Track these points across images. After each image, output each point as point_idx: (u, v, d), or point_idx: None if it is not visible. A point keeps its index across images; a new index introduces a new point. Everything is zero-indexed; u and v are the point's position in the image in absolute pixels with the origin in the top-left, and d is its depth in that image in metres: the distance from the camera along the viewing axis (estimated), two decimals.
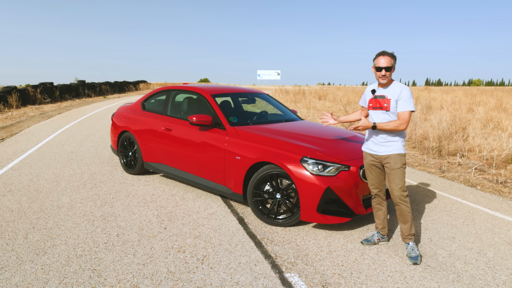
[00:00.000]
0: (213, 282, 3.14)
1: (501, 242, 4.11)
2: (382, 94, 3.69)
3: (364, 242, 3.93)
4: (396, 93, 3.60)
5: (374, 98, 3.75)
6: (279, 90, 30.52)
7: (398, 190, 3.64)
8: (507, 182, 6.42)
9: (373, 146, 3.78)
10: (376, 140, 3.73)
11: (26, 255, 3.51)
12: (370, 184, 3.91)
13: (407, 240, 3.72)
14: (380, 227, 3.95)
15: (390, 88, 3.66)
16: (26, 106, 18.04)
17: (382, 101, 3.67)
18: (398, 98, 3.58)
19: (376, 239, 3.94)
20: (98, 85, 30.42)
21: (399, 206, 3.69)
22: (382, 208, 3.93)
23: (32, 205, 4.81)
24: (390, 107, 3.62)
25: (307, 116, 15.57)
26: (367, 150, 3.87)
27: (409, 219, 3.68)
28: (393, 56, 3.61)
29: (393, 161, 3.64)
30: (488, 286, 3.21)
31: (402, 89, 3.60)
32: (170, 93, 6.03)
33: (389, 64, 3.56)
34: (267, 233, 4.15)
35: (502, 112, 15.66)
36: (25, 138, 9.73)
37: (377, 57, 3.63)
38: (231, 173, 4.67)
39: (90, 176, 6.17)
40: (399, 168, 3.63)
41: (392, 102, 3.61)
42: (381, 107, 3.67)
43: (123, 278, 3.17)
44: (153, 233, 4.07)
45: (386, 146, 3.67)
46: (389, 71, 3.59)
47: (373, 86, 3.82)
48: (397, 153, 3.63)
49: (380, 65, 3.58)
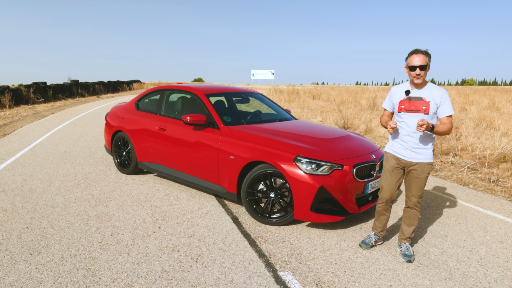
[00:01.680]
0: (208, 281, 3.15)
1: (493, 240, 4.16)
2: (419, 95, 3.41)
3: (363, 245, 3.81)
4: (436, 96, 3.36)
5: (408, 99, 3.45)
6: (273, 89, 30.53)
7: (417, 197, 3.55)
8: (499, 181, 6.48)
9: (402, 150, 3.53)
10: (407, 144, 3.49)
11: (20, 255, 3.50)
12: (385, 189, 3.68)
13: (405, 241, 3.70)
14: (379, 230, 3.86)
15: (427, 90, 3.41)
16: (19, 106, 17.92)
17: (419, 103, 3.38)
18: (440, 102, 3.34)
19: (373, 241, 3.85)
20: (91, 85, 30.25)
21: (411, 210, 3.62)
22: (387, 214, 3.80)
23: (26, 205, 4.79)
24: (430, 110, 3.35)
25: (301, 115, 15.60)
26: (393, 153, 3.63)
27: (415, 223, 3.64)
28: (427, 54, 3.35)
29: (420, 169, 3.47)
30: (480, 284, 3.25)
31: (442, 92, 3.36)
32: (164, 93, 6.02)
33: (424, 62, 3.30)
34: (261, 232, 4.17)
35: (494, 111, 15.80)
36: (18, 138, 9.67)
37: (410, 55, 3.37)
38: (225, 172, 4.68)
39: (84, 176, 6.15)
40: (424, 177, 3.48)
41: (432, 105, 3.35)
42: (417, 109, 3.38)
43: (117, 277, 3.17)
44: (147, 232, 4.08)
45: (417, 152, 3.47)
46: (424, 70, 3.32)
47: (404, 87, 3.53)
48: (427, 161, 3.46)
49: (414, 63, 3.32)
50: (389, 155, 3.66)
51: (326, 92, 29.53)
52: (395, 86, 3.64)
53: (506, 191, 5.97)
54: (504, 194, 5.84)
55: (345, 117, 12.95)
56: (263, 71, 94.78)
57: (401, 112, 3.49)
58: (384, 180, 3.68)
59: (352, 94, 26.27)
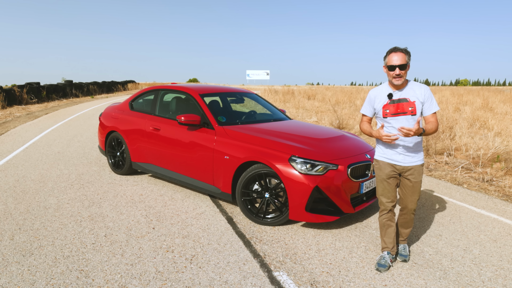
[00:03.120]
0: (202, 282, 3.13)
1: (487, 239, 4.17)
2: (403, 97, 3.20)
3: (381, 269, 3.37)
4: (419, 94, 3.18)
5: (392, 103, 3.23)
6: (268, 90, 30.55)
7: (415, 203, 3.41)
8: (492, 180, 6.51)
9: (396, 156, 3.32)
10: (400, 149, 3.28)
11: (13, 257, 3.46)
12: (386, 198, 3.43)
13: (403, 242, 3.68)
14: (391, 246, 3.52)
15: (409, 89, 3.22)
16: (12, 107, 17.79)
17: (405, 105, 3.18)
18: (424, 100, 3.17)
19: (389, 261, 3.46)
20: (85, 85, 30.12)
21: (407, 216, 3.50)
22: (393, 224, 3.52)
23: (19, 206, 4.75)
24: (417, 110, 3.17)
25: (296, 116, 15.61)
26: (386, 160, 3.38)
27: (412, 224, 3.59)
28: (406, 52, 3.14)
29: (417, 173, 3.31)
30: (474, 283, 3.25)
31: (424, 89, 3.20)
32: (158, 93, 6.00)
33: (403, 61, 3.09)
34: (255, 232, 4.15)
35: (488, 111, 15.89)
36: (11, 138, 9.60)
37: (388, 54, 3.16)
38: (220, 172, 4.67)
39: (77, 177, 6.11)
40: (421, 180, 3.35)
41: (417, 104, 3.17)
42: (404, 112, 3.18)
43: (111, 278, 3.14)
44: (142, 233, 4.05)
45: (411, 156, 3.29)
46: (404, 70, 3.11)
47: (383, 89, 3.31)
48: (421, 163, 3.33)
49: (393, 63, 3.10)
50: (382, 163, 3.41)
51: (321, 93, 29.58)
52: (374, 90, 3.39)
53: (499, 190, 6.00)
54: (498, 193, 5.87)
55: (340, 117, 12.97)
56: (258, 71, 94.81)
57: (387, 117, 3.27)
58: (382, 191, 3.44)
59: (347, 95, 26.32)
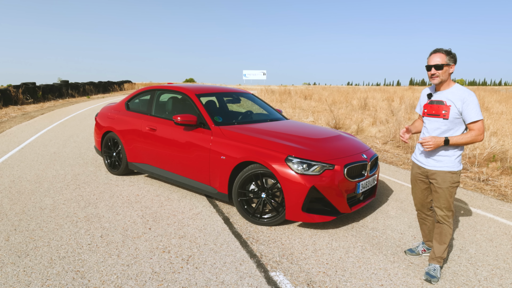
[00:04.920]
0: (198, 282, 3.13)
1: (483, 239, 4.19)
2: (440, 99, 3.13)
3: (408, 252, 3.63)
4: (459, 99, 3.03)
5: (430, 103, 3.19)
6: (265, 90, 30.54)
7: (443, 210, 3.22)
8: (488, 180, 6.54)
9: (421, 157, 3.29)
10: (425, 151, 3.23)
11: (8, 258, 3.45)
12: (414, 198, 3.51)
13: (435, 262, 3.32)
14: (426, 239, 3.65)
15: (450, 93, 3.10)
16: (7, 107, 17.70)
17: (439, 108, 3.12)
18: (463, 106, 3.01)
19: (421, 250, 3.64)
20: (81, 85, 29.99)
21: (440, 225, 3.28)
22: (427, 223, 3.56)
23: (14, 206, 4.73)
24: (450, 115, 3.06)
25: (293, 116, 15.62)
26: (414, 161, 3.41)
27: (447, 241, 3.27)
28: (448, 53, 3.03)
29: (440, 179, 3.16)
30: (470, 282, 3.26)
31: (466, 96, 3.02)
32: (154, 93, 5.98)
33: (440, 61, 3.02)
34: (252, 232, 4.15)
35: (484, 111, 15.95)
36: (7, 139, 9.55)
37: (430, 55, 3.11)
38: (216, 173, 4.66)
39: (73, 177, 6.09)
40: (447, 188, 3.15)
41: (452, 109, 3.05)
42: (437, 114, 3.12)
43: (107, 279, 3.13)
44: (138, 233, 4.04)
45: (435, 160, 3.18)
46: (440, 70, 3.03)
47: (428, 90, 3.31)
48: (447, 170, 3.13)
49: (430, 63, 3.07)
50: (412, 163, 3.47)
51: (318, 92, 29.60)
52: (425, 89, 3.39)
53: (495, 190, 6.03)
54: (494, 193, 5.89)
55: (337, 117, 12.99)
56: (255, 71, 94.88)
57: (424, 116, 3.27)
58: (412, 190, 3.53)
59: (344, 94, 26.36)
